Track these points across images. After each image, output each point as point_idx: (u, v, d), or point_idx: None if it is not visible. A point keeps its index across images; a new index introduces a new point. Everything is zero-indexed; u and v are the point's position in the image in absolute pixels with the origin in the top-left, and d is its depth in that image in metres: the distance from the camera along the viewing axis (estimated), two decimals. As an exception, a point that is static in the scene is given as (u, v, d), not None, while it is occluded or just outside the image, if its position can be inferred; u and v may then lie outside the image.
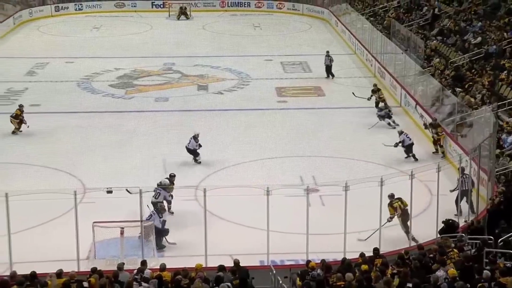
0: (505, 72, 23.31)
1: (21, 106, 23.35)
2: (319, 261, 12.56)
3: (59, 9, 45.51)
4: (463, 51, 27.43)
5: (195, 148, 20.03)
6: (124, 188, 16.27)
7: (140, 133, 23.10)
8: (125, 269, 12.19)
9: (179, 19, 44.59)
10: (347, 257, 12.81)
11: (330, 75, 29.78)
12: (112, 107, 26.23)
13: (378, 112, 23.58)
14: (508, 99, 21.53)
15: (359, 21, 36.80)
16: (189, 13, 45.02)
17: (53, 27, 41.81)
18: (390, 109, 23.90)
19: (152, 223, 15.33)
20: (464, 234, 13.82)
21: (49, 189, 16.53)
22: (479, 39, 27.56)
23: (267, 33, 40.89)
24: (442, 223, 14.64)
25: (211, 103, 26.77)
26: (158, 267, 12.32)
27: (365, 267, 11.55)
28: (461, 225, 14.81)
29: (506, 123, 19.86)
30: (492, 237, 13.21)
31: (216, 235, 14.79)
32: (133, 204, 15.41)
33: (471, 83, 24.14)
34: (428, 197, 16.97)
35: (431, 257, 12.06)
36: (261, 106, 26.35)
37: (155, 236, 15.15)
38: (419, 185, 16.04)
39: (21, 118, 22.88)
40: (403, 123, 23.50)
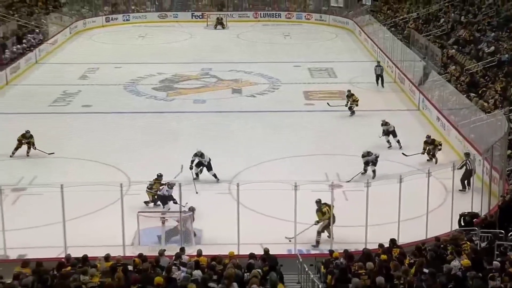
0: (517, 78, 22.99)
1: (27, 132, 20.49)
2: (341, 251, 12.50)
3: (109, 20, 45.92)
4: (477, 59, 27.06)
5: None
6: (164, 182, 16.45)
7: (179, 132, 23.20)
8: (165, 255, 12.24)
9: (216, 28, 44.67)
10: (367, 248, 12.74)
11: (381, 84, 28.80)
12: (154, 108, 26.40)
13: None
14: (519, 103, 21.23)
15: (381, 31, 36.51)
16: (225, 23, 45.09)
17: (103, 36, 42.23)
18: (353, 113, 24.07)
19: (191, 213, 15.42)
20: (477, 228, 13.67)
21: (98, 181, 16.71)
22: (493, 48, 27.17)
23: (296, 41, 40.76)
24: (459, 216, 14.51)
25: (244, 105, 26.79)
26: (195, 254, 12.39)
27: (384, 257, 11.45)
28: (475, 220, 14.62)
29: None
30: (503, 231, 13.06)
31: (247, 226, 14.77)
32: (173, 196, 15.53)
33: (484, 88, 23.85)
34: (443, 193, 16.77)
35: (446, 248, 11.93)
36: (290, 108, 26.29)
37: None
38: (435, 182, 15.86)
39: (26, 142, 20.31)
40: (421, 125, 23.25)
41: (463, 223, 14.57)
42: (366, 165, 18.58)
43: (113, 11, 46.96)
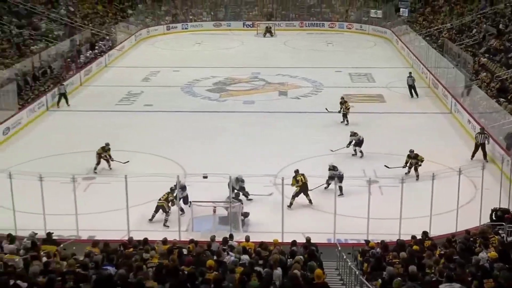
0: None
1: (107, 144, 19.11)
2: (377, 241, 12.36)
3: (170, 28, 46.45)
4: (507, 67, 26.26)
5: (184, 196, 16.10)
6: (216, 174, 16.52)
7: (230, 130, 23.31)
8: (216, 240, 12.34)
9: (265, 36, 44.69)
10: (401, 238, 12.56)
11: (415, 94, 27.54)
12: (208, 108, 26.56)
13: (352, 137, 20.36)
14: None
15: (416, 40, 35.92)
16: (273, 32, 45.05)
17: (164, 43, 42.74)
18: (348, 121, 23.41)
19: (239, 204, 15.48)
20: (504, 223, 13.32)
21: (157, 173, 16.96)
22: (522, 56, 26.42)
23: (337, 49, 40.43)
24: (491, 210, 14.19)
25: (289, 107, 26.71)
26: (243, 240, 12.43)
27: (416, 247, 11.28)
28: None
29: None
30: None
31: (291, 216, 14.78)
32: (223, 188, 15.62)
33: (513, 94, 23.19)
34: (473, 190, 16.38)
35: (475, 241, 11.66)
36: (331, 109, 26.03)
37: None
38: (466, 180, 15.51)
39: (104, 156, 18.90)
40: (453, 127, 22.80)
41: (495, 217, 14.21)
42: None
43: (173, 20, 47.47)
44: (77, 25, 37.85)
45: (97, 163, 18.72)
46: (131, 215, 14.47)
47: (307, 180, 16.13)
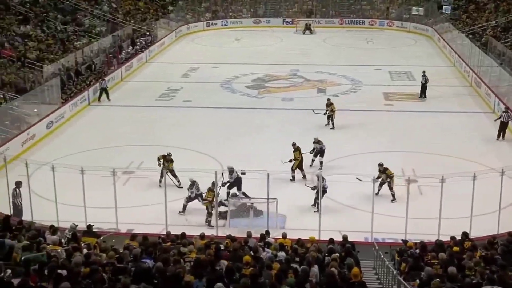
0: None
1: (169, 154, 17.65)
2: (415, 241, 12.17)
3: (210, 25, 46.74)
4: (553, 66, 25.57)
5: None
6: (254, 171, 16.53)
7: (268, 126, 23.31)
8: (253, 236, 12.35)
9: (304, 33, 44.51)
10: (440, 239, 12.34)
11: (423, 95, 26.93)
12: (247, 104, 26.62)
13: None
14: None
15: (459, 38, 35.20)
16: (312, 29, 44.84)
17: (204, 39, 43.01)
18: (333, 124, 22.69)
19: (276, 200, 15.45)
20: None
21: (195, 168, 17.10)
22: None
23: (377, 46, 39.97)
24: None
25: (328, 104, 26.52)
26: (279, 237, 12.39)
27: (456, 248, 11.06)
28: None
29: None
30: None
31: (329, 214, 14.69)
32: (259, 184, 15.60)
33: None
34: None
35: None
36: (370, 108, 25.81)
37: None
38: (509, 181, 15.11)
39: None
40: (495, 128, 22.28)
41: None
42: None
43: (213, 17, 47.75)
44: (119, 21, 38.46)
45: (161, 175, 16.79)
46: (169, 210, 14.60)
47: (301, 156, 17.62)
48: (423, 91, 27.06)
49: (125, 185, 17.55)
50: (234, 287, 8.30)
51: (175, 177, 17.18)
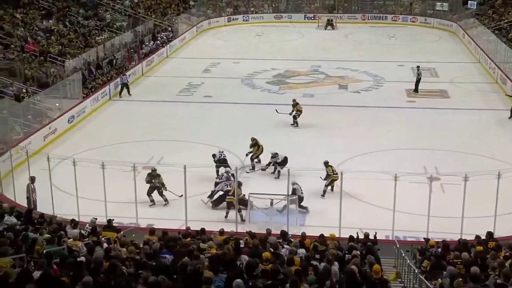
0: None
1: (153, 170, 16.40)
2: (436, 240, 12.06)
3: (231, 20, 46.75)
4: None
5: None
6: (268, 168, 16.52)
7: (289, 122, 23.22)
8: (272, 233, 12.33)
9: (326, 29, 44.31)
10: (463, 238, 12.21)
11: (415, 89, 26.80)
12: (267, 100, 26.54)
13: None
14: None
15: (484, 34, 34.72)
16: (334, 24, 44.60)
17: (225, 34, 43.06)
18: (297, 123, 22.37)
19: (296, 197, 15.42)
20: None
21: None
22: None
23: (400, 42, 39.62)
24: None
25: (349, 100, 26.39)
26: (299, 234, 12.35)
27: (479, 248, 10.93)
28: None
29: None
30: None
31: (349, 211, 14.61)
32: (278, 182, 15.60)
33: None
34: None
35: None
36: (393, 104, 25.63)
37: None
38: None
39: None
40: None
41: None
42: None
43: (234, 12, 47.76)
44: (140, 16, 38.67)
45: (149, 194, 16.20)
46: (188, 205, 14.66)
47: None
48: (416, 86, 26.82)
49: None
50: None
51: (162, 195, 16.18)
